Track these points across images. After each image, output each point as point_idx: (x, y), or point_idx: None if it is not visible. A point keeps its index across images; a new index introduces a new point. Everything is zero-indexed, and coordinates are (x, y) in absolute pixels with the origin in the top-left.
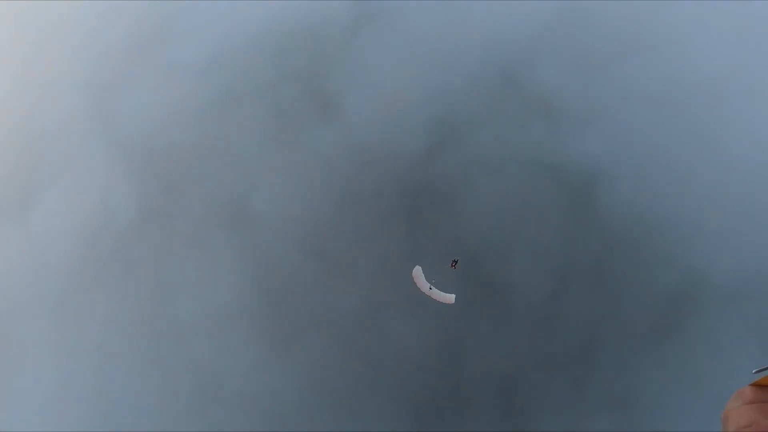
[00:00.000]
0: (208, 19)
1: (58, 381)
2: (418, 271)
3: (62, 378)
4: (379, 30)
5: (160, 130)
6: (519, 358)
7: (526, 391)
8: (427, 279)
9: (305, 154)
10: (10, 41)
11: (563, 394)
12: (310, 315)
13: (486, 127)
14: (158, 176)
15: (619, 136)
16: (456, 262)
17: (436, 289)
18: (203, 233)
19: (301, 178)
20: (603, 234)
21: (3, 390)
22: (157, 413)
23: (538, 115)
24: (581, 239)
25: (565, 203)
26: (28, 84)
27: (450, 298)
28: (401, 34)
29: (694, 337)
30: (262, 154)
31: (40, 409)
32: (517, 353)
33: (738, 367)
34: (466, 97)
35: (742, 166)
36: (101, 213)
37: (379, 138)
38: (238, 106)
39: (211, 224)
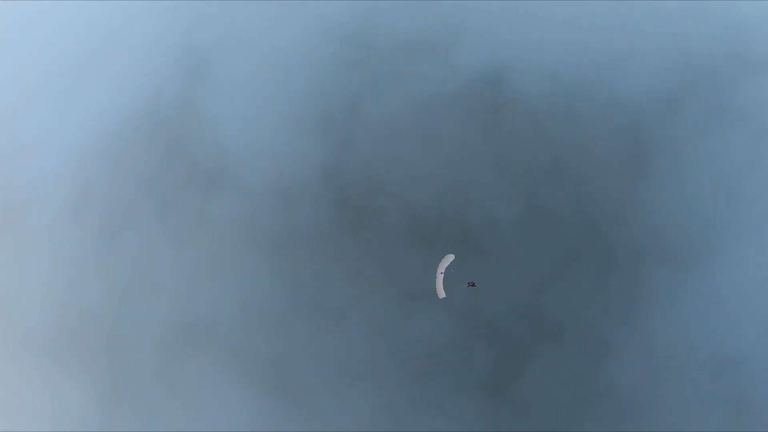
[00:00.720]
0: (47, 150)
1: None
2: (448, 258)
3: None
4: (218, 69)
5: (64, 306)
6: (541, 284)
7: (568, 304)
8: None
9: (219, 233)
10: None
11: (601, 279)
12: (323, 378)
13: (373, 96)
14: (94, 353)
15: (499, 30)
16: (473, 284)
17: (441, 279)
18: (176, 372)
19: (232, 260)
20: (537, 123)
21: None
22: None
23: (412, 57)
24: (522, 141)
25: (487, 117)
26: None
27: (442, 293)
28: (243, 59)
29: (676, 147)
30: (176, 262)
31: None
32: (535, 284)
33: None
34: (337, 81)
35: None
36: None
37: (280, 173)
38: (125, 228)
39: (175, 356)
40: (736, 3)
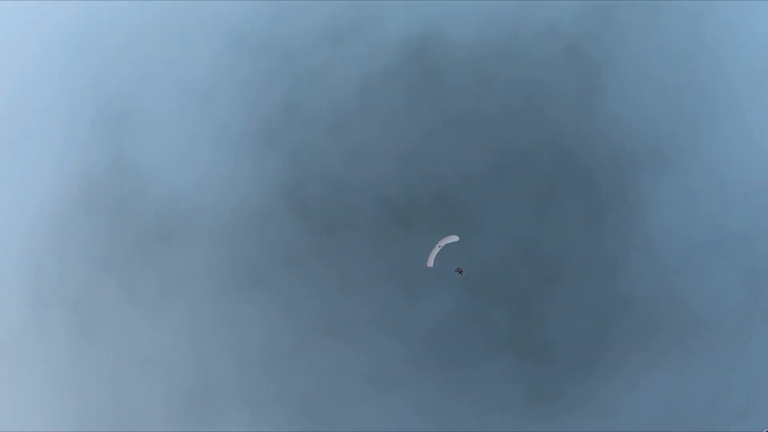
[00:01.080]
0: None
1: None
2: (452, 238)
3: None
4: (139, 115)
5: (65, 414)
6: (531, 226)
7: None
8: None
9: (193, 284)
10: None
11: (589, 202)
12: (353, 392)
13: (308, 96)
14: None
15: None
16: (460, 271)
17: (436, 251)
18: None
19: (218, 307)
20: (482, 70)
21: None
22: None
23: (336, 44)
24: (472, 93)
25: (431, 80)
26: None
27: (431, 263)
28: (163, 98)
29: (621, 54)
30: (160, 329)
31: None
32: (525, 227)
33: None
34: (266, 92)
35: None
36: None
37: (238, 202)
38: (96, 314)
39: (195, 425)
40: None
